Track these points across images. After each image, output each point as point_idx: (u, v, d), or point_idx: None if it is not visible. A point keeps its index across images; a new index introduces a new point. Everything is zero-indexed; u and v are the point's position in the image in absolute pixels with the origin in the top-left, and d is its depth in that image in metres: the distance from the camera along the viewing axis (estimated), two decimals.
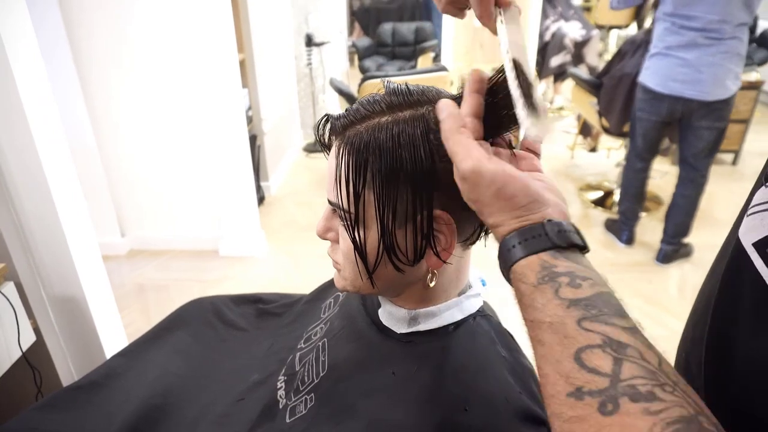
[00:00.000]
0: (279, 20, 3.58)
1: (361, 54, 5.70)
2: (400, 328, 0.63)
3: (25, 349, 1.24)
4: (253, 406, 0.75)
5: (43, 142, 1.25)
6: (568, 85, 4.42)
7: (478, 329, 0.62)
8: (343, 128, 0.56)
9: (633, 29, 4.89)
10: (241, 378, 0.85)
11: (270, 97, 3.29)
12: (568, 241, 0.42)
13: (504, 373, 0.58)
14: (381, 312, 0.67)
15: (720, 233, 0.49)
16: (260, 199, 3.11)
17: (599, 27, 4.96)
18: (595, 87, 2.85)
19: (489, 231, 0.61)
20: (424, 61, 5.12)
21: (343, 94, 3.17)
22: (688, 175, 2.40)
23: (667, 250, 2.53)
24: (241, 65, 2.82)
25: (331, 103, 4.24)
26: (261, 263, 2.63)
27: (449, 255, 0.56)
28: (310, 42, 3.90)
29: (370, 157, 0.53)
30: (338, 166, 0.55)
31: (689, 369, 0.49)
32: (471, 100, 0.48)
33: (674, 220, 2.48)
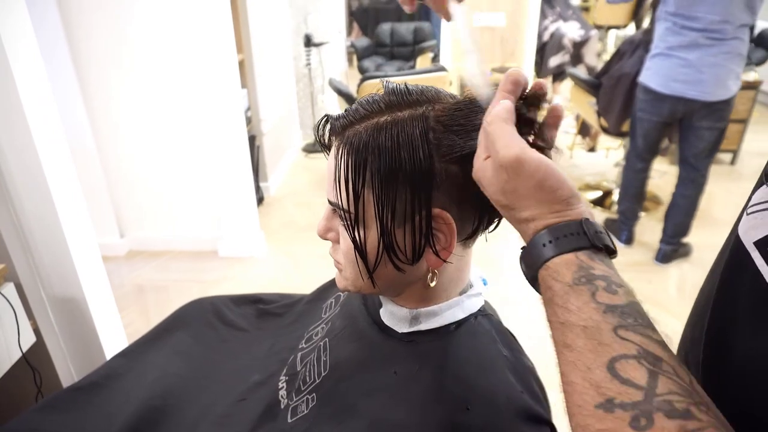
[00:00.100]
0: (278, 21, 3.58)
1: (359, 54, 5.70)
2: (402, 328, 0.64)
3: (25, 350, 1.24)
4: (255, 407, 0.75)
5: (43, 143, 1.25)
6: (566, 85, 4.42)
7: (480, 328, 0.62)
8: (342, 128, 0.56)
9: (631, 29, 4.90)
10: (242, 378, 0.85)
11: (269, 97, 3.29)
12: (604, 243, 0.41)
13: (505, 372, 0.58)
14: (382, 311, 0.67)
15: (719, 233, 0.49)
16: (259, 199, 3.10)
17: (597, 27, 4.97)
18: (594, 87, 2.86)
19: (489, 229, 0.61)
20: (423, 62, 5.12)
21: (342, 94, 3.17)
22: (689, 175, 2.40)
23: (666, 250, 2.53)
24: (240, 66, 2.82)
25: (330, 104, 4.24)
26: (260, 264, 2.63)
27: (449, 254, 0.56)
28: (309, 42, 3.90)
29: (369, 156, 0.53)
30: (338, 166, 0.56)
31: (688, 368, 0.50)
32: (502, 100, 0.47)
33: (674, 220, 2.49)
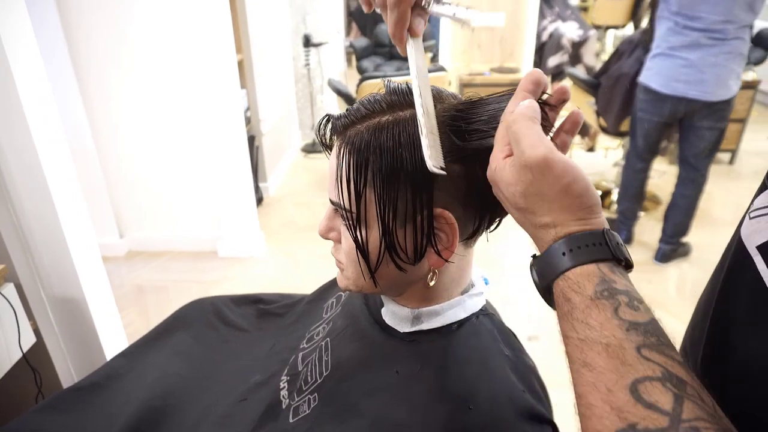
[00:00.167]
0: (277, 21, 3.58)
1: (358, 54, 5.69)
2: (404, 327, 0.64)
3: (25, 351, 1.24)
4: (256, 407, 0.75)
5: (43, 143, 1.25)
6: (565, 85, 4.42)
7: (481, 328, 0.62)
8: (344, 128, 0.56)
9: (630, 29, 4.90)
10: (243, 379, 0.84)
11: (268, 97, 3.29)
12: (624, 256, 0.39)
13: (507, 371, 0.58)
14: (384, 311, 0.67)
15: (718, 232, 0.49)
16: (259, 199, 3.10)
17: (596, 27, 4.96)
18: (593, 87, 2.86)
19: (490, 229, 0.61)
20: None
21: (342, 94, 3.17)
22: (689, 175, 2.40)
23: (666, 250, 2.53)
24: (240, 66, 2.82)
25: (330, 104, 4.24)
26: (260, 264, 2.63)
27: (451, 254, 0.56)
28: (308, 42, 3.90)
29: (371, 156, 0.53)
30: (339, 165, 0.55)
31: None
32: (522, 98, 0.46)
33: (674, 219, 2.49)
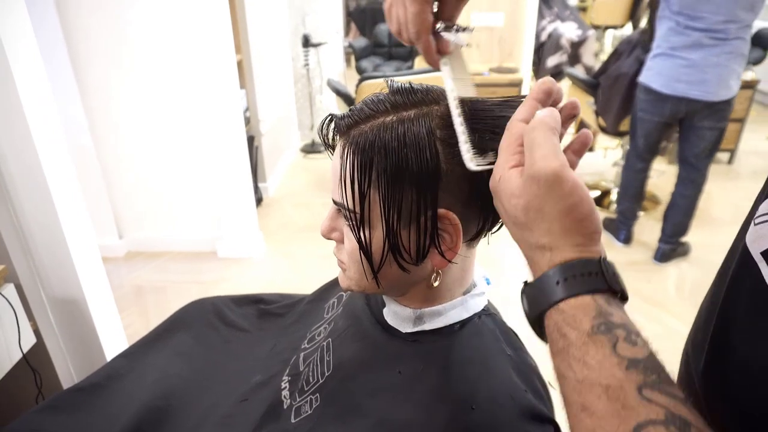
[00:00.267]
0: (276, 21, 3.58)
1: (357, 55, 5.70)
2: (406, 328, 0.64)
3: (25, 351, 1.23)
4: (257, 407, 0.75)
5: (43, 144, 1.24)
6: (564, 85, 4.43)
7: (483, 328, 0.62)
8: (347, 128, 0.56)
9: (628, 29, 4.91)
10: (244, 379, 0.84)
11: (267, 98, 3.28)
12: (621, 287, 0.37)
13: (509, 371, 0.58)
14: (386, 311, 0.67)
15: (716, 232, 0.49)
16: (258, 200, 3.10)
17: (595, 27, 4.98)
18: (592, 87, 2.87)
19: (493, 230, 0.61)
20: (421, 62, 5.10)
21: (341, 94, 3.17)
22: (689, 175, 2.40)
23: (665, 249, 2.53)
24: (239, 66, 2.81)
25: (329, 104, 4.23)
26: (259, 264, 2.63)
27: (454, 254, 0.56)
28: (307, 43, 3.90)
29: (376, 156, 0.53)
30: (343, 166, 0.55)
31: (690, 372, 0.50)
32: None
33: (673, 219, 2.49)
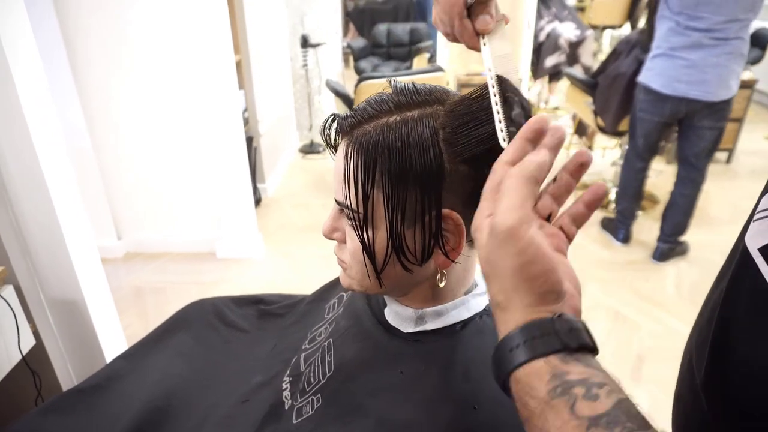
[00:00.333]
0: (274, 22, 3.58)
1: (356, 55, 5.69)
2: (407, 328, 0.63)
3: (24, 353, 1.23)
4: (258, 408, 0.75)
5: (42, 145, 1.24)
6: (563, 85, 4.43)
7: (485, 327, 0.62)
8: (350, 128, 0.56)
9: (626, 29, 4.92)
10: (245, 379, 0.84)
11: (266, 98, 3.28)
12: (580, 342, 0.37)
13: None
14: (387, 311, 0.67)
15: (715, 231, 0.49)
16: (257, 200, 3.10)
17: (593, 27, 4.99)
18: (591, 86, 2.87)
19: None
20: (420, 62, 5.11)
21: (340, 95, 3.17)
22: (689, 174, 2.41)
23: (664, 248, 2.54)
24: (237, 67, 2.81)
25: (327, 105, 4.23)
26: (258, 265, 2.62)
27: (458, 254, 0.56)
28: (305, 43, 3.89)
29: (379, 156, 0.53)
30: (346, 166, 0.55)
31: (692, 372, 0.50)
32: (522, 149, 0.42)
33: (673, 218, 2.49)
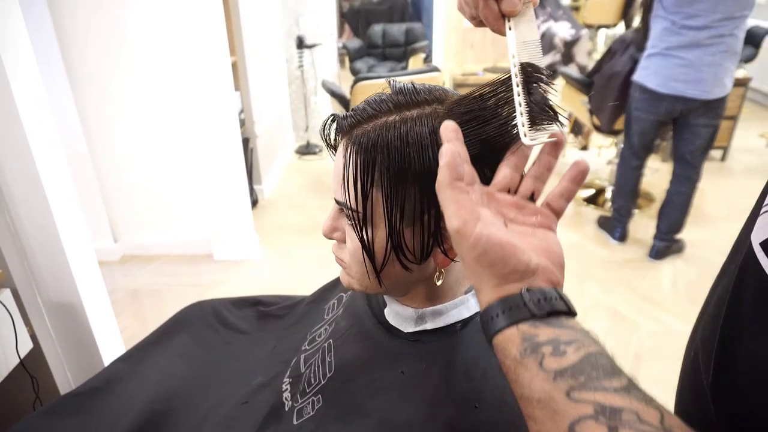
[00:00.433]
0: (270, 23, 3.57)
1: (351, 55, 5.70)
2: (407, 327, 0.64)
3: (22, 357, 1.23)
4: (259, 409, 0.75)
5: (39, 149, 1.24)
6: (558, 84, 4.44)
7: None
8: (350, 127, 0.56)
9: (621, 28, 4.93)
10: (245, 380, 0.84)
11: (262, 99, 3.28)
12: (550, 309, 0.40)
13: None
14: (387, 311, 0.67)
15: (710, 229, 0.49)
16: (253, 202, 3.09)
17: (588, 26, 5.00)
18: (586, 85, 2.88)
19: None
20: (415, 62, 5.12)
21: (336, 95, 3.17)
22: (685, 172, 2.42)
23: (660, 247, 2.55)
24: (233, 68, 2.81)
25: (323, 105, 4.23)
26: (255, 266, 2.62)
27: (456, 253, 0.56)
28: (301, 44, 3.89)
29: (379, 156, 0.53)
30: (346, 165, 0.55)
31: (697, 368, 0.50)
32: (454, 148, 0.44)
33: (669, 216, 2.50)
